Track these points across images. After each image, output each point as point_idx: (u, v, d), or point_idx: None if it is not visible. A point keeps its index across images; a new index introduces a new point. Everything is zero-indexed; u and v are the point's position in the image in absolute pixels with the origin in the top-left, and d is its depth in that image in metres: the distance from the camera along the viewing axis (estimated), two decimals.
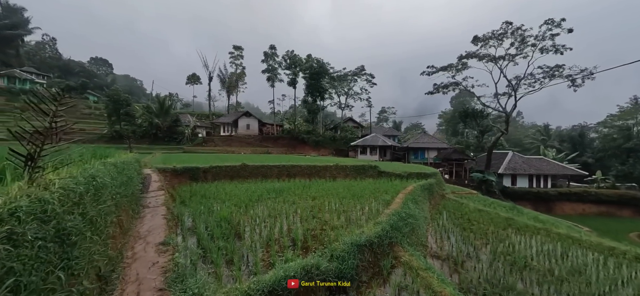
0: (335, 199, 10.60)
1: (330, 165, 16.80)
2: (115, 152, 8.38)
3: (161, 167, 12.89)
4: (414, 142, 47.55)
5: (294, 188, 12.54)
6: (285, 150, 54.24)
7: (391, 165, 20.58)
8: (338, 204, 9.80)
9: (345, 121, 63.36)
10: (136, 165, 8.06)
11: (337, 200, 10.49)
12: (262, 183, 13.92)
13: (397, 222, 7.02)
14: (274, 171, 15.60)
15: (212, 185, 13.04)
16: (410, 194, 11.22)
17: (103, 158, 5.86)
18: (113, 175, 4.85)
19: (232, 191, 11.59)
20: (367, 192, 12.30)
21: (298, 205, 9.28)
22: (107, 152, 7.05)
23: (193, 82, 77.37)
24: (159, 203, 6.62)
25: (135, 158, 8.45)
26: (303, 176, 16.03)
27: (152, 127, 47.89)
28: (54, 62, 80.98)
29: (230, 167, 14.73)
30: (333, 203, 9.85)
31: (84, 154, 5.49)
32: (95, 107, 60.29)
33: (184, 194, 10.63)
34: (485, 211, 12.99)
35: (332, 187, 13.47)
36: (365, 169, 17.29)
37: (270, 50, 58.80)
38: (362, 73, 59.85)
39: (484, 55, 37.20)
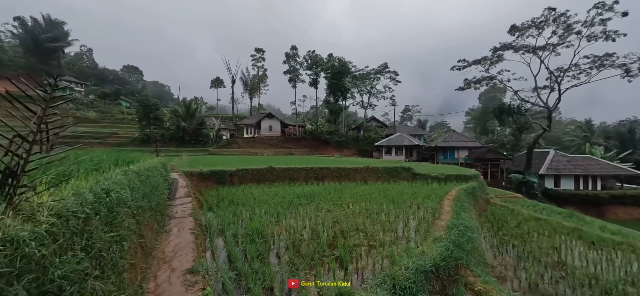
0: (373, 205, 9.56)
1: (360, 167, 15.75)
2: (140, 157, 7.94)
3: (188, 170, 12.53)
4: (443, 141, 45.03)
5: (325, 193, 11.65)
6: (307, 151, 53.72)
7: (425, 167, 19.11)
8: (378, 211, 8.76)
9: (368, 120, 61.75)
10: (162, 170, 7.54)
11: (375, 206, 9.45)
12: (290, 187, 13.18)
13: (459, 238, 5.88)
14: (301, 174, 14.82)
15: (239, 189, 12.48)
16: (456, 200, 9.92)
17: (127, 165, 5.29)
18: (135, 185, 4.20)
19: (261, 196, 10.92)
20: (405, 197, 11.13)
21: (334, 214, 8.35)
22: (131, 156, 6.57)
23: (217, 86, 79.30)
24: (185, 213, 5.97)
25: (161, 162, 8.00)
26: (332, 179, 15.12)
27: (179, 130, 49.29)
28: (90, 71, 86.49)
29: (257, 170, 14.15)
30: (373, 211, 8.82)
31: (103, 161, 4.92)
32: (128, 112, 63.33)
33: (211, 199, 10.09)
34: (544, 219, 11.32)
35: (366, 191, 12.42)
36: (398, 171, 16.05)
37: (292, 51, 58.64)
38: (386, 70, 57.97)
39: (522, 46, 34.23)
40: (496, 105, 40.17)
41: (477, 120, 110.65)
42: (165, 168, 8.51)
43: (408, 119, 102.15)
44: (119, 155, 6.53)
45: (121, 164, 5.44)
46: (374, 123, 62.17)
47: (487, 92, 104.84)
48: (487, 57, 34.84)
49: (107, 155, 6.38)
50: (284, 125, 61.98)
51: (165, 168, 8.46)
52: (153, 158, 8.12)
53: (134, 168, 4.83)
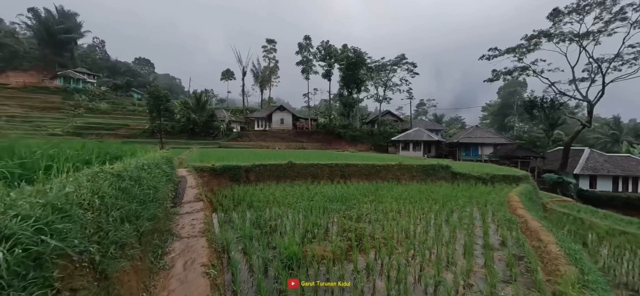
0: (427, 214, 7.66)
1: (391, 165, 13.79)
2: (141, 149, 6.25)
3: (198, 165, 10.88)
4: (466, 137, 42.35)
5: (358, 195, 9.79)
6: (320, 145, 51.93)
7: (464, 165, 16.99)
8: (437, 222, 6.84)
9: (383, 114, 59.25)
10: (166, 166, 5.83)
11: (430, 215, 7.55)
12: (314, 187, 11.38)
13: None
14: (325, 171, 13.00)
15: (257, 188, 10.76)
16: (524, 210, 7.92)
17: (111, 160, 3.55)
18: (113, 196, 2.45)
19: (284, 197, 9.15)
20: (455, 201, 9.20)
21: (385, 227, 6.49)
22: (122, 149, 4.92)
23: (227, 78, 78.00)
24: (196, 230, 4.22)
25: (165, 157, 6.32)
26: (360, 177, 13.24)
27: (190, 122, 48.26)
28: (103, 63, 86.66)
29: (276, 166, 12.40)
30: (431, 224, 6.91)
31: (80, 154, 3.19)
32: (139, 104, 62.83)
33: (226, 202, 8.39)
34: (632, 234, 9.14)
35: (405, 193, 10.50)
36: (436, 170, 14.01)
37: (305, 41, 56.50)
38: (403, 62, 55.15)
39: (560, 34, 31.13)
40: (528, 99, 36.97)
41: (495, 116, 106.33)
42: (171, 164, 6.81)
43: (423, 114, 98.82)
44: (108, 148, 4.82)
45: (105, 159, 3.71)
46: (389, 117, 59.67)
47: (506, 86, 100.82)
48: (522, 45, 31.82)
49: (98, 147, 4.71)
50: (295, 118, 60.24)
51: (171, 164, 6.76)
52: (156, 151, 6.45)
53: (116, 168, 3.08)
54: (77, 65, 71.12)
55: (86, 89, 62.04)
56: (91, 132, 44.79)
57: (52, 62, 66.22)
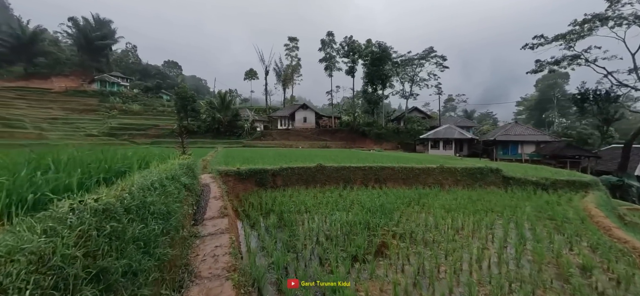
0: (494, 232, 6.24)
1: (432, 168, 12.27)
2: (160, 156, 5.45)
3: (223, 169, 10.14)
4: (503, 134, 38.99)
5: (401, 204, 8.51)
6: (343, 143, 50.66)
7: (513, 167, 15.01)
8: (517, 249, 5.42)
9: (410, 111, 56.60)
10: (187, 178, 4.95)
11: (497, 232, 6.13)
12: (347, 193, 10.24)
13: None
14: (358, 175, 11.79)
15: (286, 194, 9.82)
16: (621, 230, 6.23)
17: (117, 177, 2.65)
18: (89, 249, 1.47)
19: (316, 206, 8.11)
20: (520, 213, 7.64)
21: (448, 251, 5.21)
22: (129, 160, 4.10)
23: (250, 78, 78.86)
24: (219, 267, 3.26)
25: (187, 165, 5.46)
26: (396, 182, 11.88)
27: (215, 121, 48.98)
28: (135, 66, 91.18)
29: (304, 170, 11.39)
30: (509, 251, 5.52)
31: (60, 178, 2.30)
32: (168, 105, 65.11)
33: (253, 213, 7.48)
34: None
35: (454, 202, 9.05)
36: (484, 174, 12.29)
37: (328, 37, 55.28)
38: (431, 55, 52.19)
39: (617, 17, 27.32)
40: (578, 91, 33.01)
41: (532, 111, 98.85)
42: (192, 173, 5.96)
43: (451, 110, 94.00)
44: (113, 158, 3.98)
45: (104, 177, 2.82)
46: (415, 114, 56.92)
47: (545, 78, 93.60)
48: (573, 30, 28.36)
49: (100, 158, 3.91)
50: (318, 116, 59.35)
51: (192, 174, 5.91)
52: (172, 160, 5.63)
53: (106, 197, 2.13)
54: (112, 69, 75.23)
55: (120, 92, 65.35)
56: (124, 133, 46.87)
57: (90, 67, 70.46)
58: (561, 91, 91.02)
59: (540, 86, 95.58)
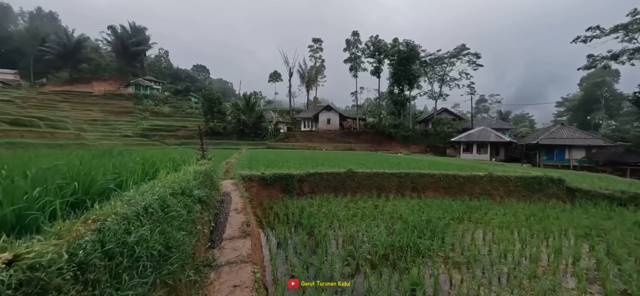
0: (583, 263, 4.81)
1: (479, 176, 10.71)
2: (172, 162, 4.68)
3: (246, 174, 9.38)
4: (548, 137, 35.35)
5: (450, 219, 7.20)
6: (368, 146, 49.05)
7: (578, 177, 12.94)
8: None
9: (439, 112, 53.62)
10: (202, 190, 4.10)
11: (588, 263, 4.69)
12: (382, 202, 9.07)
13: None
14: (392, 182, 10.54)
15: (314, 202, 8.86)
16: None
17: (96, 200, 1.79)
18: None
19: (349, 219, 7.04)
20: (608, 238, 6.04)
21: None
22: (129, 165, 3.33)
23: (274, 80, 79.55)
24: None
25: (204, 173, 4.64)
26: (436, 191, 10.48)
27: (240, 123, 49.59)
28: (167, 71, 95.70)
29: (333, 175, 10.36)
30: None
31: None
32: (196, 107, 67.29)
33: (279, 228, 6.56)
34: None
35: (514, 219, 7.57)
36: (543, 184, 10.50)
37: (353, 37, 54.01)
38: (463, 53, 49.08)
39: None
40: None
41: (575, 112, 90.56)
42: (211, 181, 5.13)
43: (484, 111, 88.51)
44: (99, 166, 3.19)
45: (87, 195, 1.98)
46: (446, 115, 53.84)
47: (591, 76, 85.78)
48: (638, 20, 24.88)
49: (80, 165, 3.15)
50: (342, 118, 58.18)
51: (211, 182, 5.09)
52: (194, 162, 4.85)
53: (49, 247, 1.25)
54: (146, 73, 79.37)
55: (152, 95, 68.58)
56: (155, 134, 48.83)
57: (126, 72, 74.81)
58: (610, 90, 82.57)
59: (586, 85, 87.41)
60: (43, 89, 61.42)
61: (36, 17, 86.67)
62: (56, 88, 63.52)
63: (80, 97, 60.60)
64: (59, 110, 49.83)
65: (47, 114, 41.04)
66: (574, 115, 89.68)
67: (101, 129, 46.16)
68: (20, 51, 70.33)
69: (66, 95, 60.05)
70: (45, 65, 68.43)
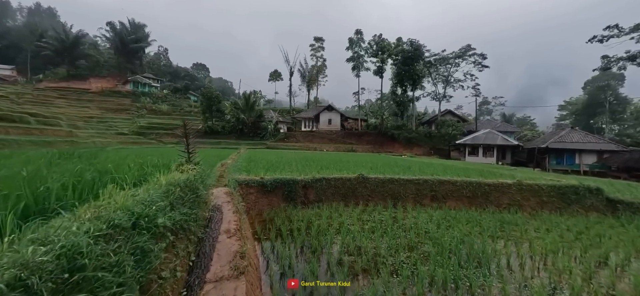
0: None
1: (506, 184, 9.49)
2: (141, 166, 3.47)
3: (243, 179, 8.17)
4: (558, 141, 34.16)
5: (485, 237, 5.99)
6: (371, 147, 47.84)
7: (620, 187, 11.74)
8: None
9: (443, 114, 52.40)
10: (180, 212, 2.88)
11: None
12: (401, 213, 7.86)
13: None
14: (409, 189, 9.32)
15: (322, 212, 7.65)
16: None
17: None
18: None
19: (366, 237, 5.81)
20: None
21: None
22: None
23: (275, 79, 78.35)
24: None
25: (187, 184, 3.43)
26: (459, 200, 9.28)
27: (239, 122, 48.40)
28: (166, 69, 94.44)
29: (342, 181, 9.14)
30: None
31: None
32: (195, 106, 66.07)
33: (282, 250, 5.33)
34: None
35: (559, 238, 6.36)
36: (580, 194, 9.28)
37: (356, 35, 52.82)
38: (468, 53, 47.94)
39: None
40: None
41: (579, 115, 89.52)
42: (195, 195, 3.86)
43: (487, 113, 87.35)
44: None
45: None
46: (450, 117, 52.65)
47: (595, 79, 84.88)
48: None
49: None
50: (343, 118, 56.97)
51: (195, 196, 3.81)
52: (178, 167, 3.65)
53: None
54: (145, 71, 78.08)
55: (151, 92, 67.33)
56: (152, 132, 47.58)
57: (124, 69, 73.53)
58: (614, 94, 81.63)
59: (590, 88, 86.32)
60: (39, 85, 60.18)
61: (35, 13, 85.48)
62: (53, 84, 62.27)
63: (77, 93, 59.37)
64: (54, 107, 48.58)
65: (41, 110, 39.81)
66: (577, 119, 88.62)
67: (96, 127, 44.93)
68: (18, 47, 69.12)
69: (63, 91, 58.83)
70: (42, 62, 67.18)
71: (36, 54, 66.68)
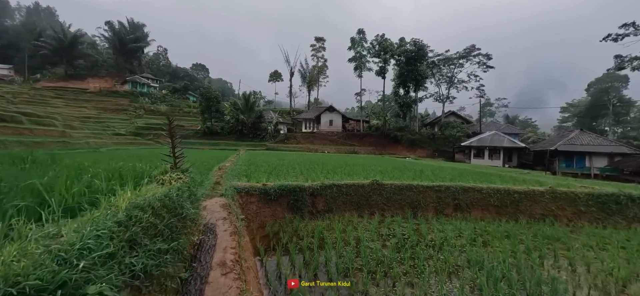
0: None
1: (538, 192, 8.47)
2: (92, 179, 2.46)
3: (243, 186, 7.13)
4: (567, 143, 33.16)
5: (531, 257, 4.97)
6: (373, 149, 46.84)
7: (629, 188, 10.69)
8: None
9: (446, 115, 51.40)
10: (165, 236, 1.87)
11: None
12: (424, 226, 6.83)
13: None
14: (430, 198, 8.30)
15: (333, 224, 6.63)
16: None
17: None
18: None
19: (399, 262, 4.78)
20: None
21: None
22: None
23: (275, 79, 77.40)
24: None
25: (165, 203, 2.48)
26: (486, 210, 8.26)
27: (238, 123, 47.39)
28: (165, 69, 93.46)
29: (355, 188, 8.12)
30: None
31: None
32: (194, 106, 65.05)
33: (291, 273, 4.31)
34: None
35: (630, 257, 5.34)
36: (621, 205, 8.26)
37: (358, 35, 51.90)
38: (473, 54, 47.02)
39: None
40: None
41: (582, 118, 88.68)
42: (179, 217, 2.83)
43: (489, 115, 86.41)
44: None
45: None
46: (453, 118, 51.63)
47: (599, 81, 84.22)
48: None
49: None
50: (345, 119, 55.98)
51: (178, 219, 2.79)
52: (161, 176, 2.69)
53: None
54: (144, 71, 77.08)
55: (149, 93, 66.31)
56: (149, 132, 46.51)
57: (123, 69, 72.54)
58: (618, 96, 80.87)
59: (593, 90, 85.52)
60: (36, 85, 59.14)
61: (33, 12, 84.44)
62: (50, 84, 61.24)
63: (74, 93, 58.35)
64: (51, 107, 47.52)
65: (36, 110, 38.76)
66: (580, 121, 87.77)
67: (93, 127, 43.90)
68: (16, 46, 68.12)
69: (60, 91, 57.81)
70: (41, 61, 66.18)
71: (34, 53, 65.68)
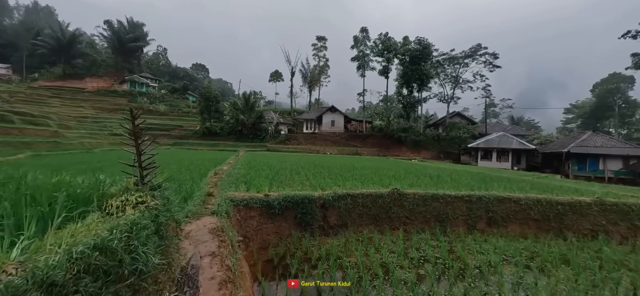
0: None
1: (584, 203, 7.29)
2: None
3: (241, 197, 5.96)
4: (579, 145, 31.93)
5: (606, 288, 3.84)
6: (376, 150, 45.68)
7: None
8: None
9: (451, 116, 50.19)
10: None
11: None
12: (457, 245, 5.67)
13: None
14: (459, 210, 7.12)
15: (350, 246, 5.46)
16: None
17: None
18: None
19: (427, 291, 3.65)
20: None
21: None
22: None
23: (275, 79, 76.34)
24: None
25: (109, 256, 1.48)
26: (525, 224, 7.10)
27: (238, 123, 46.28)
28: (165, 69, 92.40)
29: (372, 198, 6.94)
30: None
31: None
32: (193, 106, 63.96)
33: None
34: None
35: None
36: None
37: (361, 33, 50.76)
38: (479, 53, 45.82)
39: None
40: None
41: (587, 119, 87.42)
42: (126, 283, 1.75)
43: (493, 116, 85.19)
44: None
45: None
46: (458, 119, 50.39)
47: (604, 82, 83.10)
48: None
49: None
50: (347, 120, 54.80)
51: (124, 286, 1.71)
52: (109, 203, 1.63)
53: None
54: (143, 70, 75.99)
55: (148, 92, 65.26)
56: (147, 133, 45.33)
57: (122, 68, 71.48)
58: (624, 97, 79.70)
59: (599, 91, 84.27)
60: (34, 84, 58.12)
61: (32, 11, 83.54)
62: (48, 83, 60.21)
63: (72, 93, 57.33)
64: (47, 106, 46.46)
65: (32, 110, 37.68)
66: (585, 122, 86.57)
67: (89, 127, 42.83)
68: (14, 45, 67.20)
69: (57, 90, 56.78)
70: (39, 60, 65.20)
71: (32, 52, 64.67)
